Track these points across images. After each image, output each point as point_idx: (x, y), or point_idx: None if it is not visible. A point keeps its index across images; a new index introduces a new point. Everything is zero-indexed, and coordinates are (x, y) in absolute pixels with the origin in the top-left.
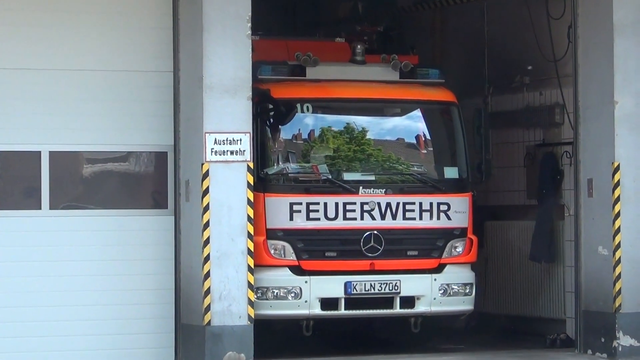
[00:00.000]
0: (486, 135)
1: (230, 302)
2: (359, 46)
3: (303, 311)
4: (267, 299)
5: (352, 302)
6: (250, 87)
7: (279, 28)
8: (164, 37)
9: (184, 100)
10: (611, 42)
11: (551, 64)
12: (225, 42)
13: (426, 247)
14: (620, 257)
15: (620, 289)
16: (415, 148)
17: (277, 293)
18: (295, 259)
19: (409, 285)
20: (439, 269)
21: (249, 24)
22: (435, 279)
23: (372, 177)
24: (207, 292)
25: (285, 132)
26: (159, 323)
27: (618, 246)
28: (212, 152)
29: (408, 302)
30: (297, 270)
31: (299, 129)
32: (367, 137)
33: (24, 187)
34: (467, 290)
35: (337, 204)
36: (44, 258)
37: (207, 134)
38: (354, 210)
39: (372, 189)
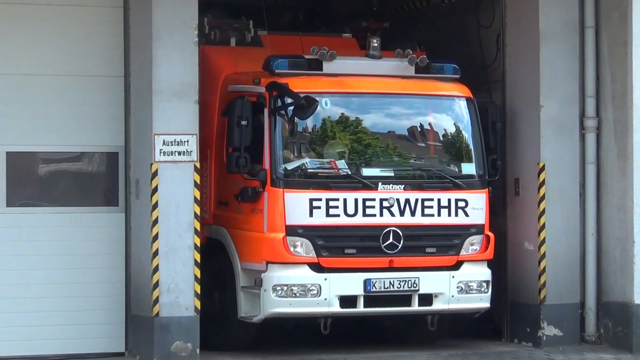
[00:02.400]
0: (500, 131)
1: (177, 295)
2: (374, 40)
3: (322, 309)
4: (286, 297)
5: (371, 299)
6: (197, 91)
7: (289, 24)
8: (115, 44)
9: (135, 103)
10: (537, 49)
11: (482, 70)
12: (174, 49)
13: (444, 244)
14: (544, 252)
15: (544, 282)
16: (433, 144)
17: (296, 291)
18: (314, 256)
19: (428, 282)
20: (456, 266)
21: (196, 32)
22: (453, 277)
23: (391, 173)
24: (156, 285)
25: (304, 127)
26: (110, 314)
27: (543, 242)
28: (160, 152)
29: (426, 299)
30: (317, 267)
31: (317, 124)
32: (385, 132)
33: None
34: (484, 288)
35: (356, 200)
36: (2, 253)
37: (156, 136)
38: (373, 207)
39: (391, 185)
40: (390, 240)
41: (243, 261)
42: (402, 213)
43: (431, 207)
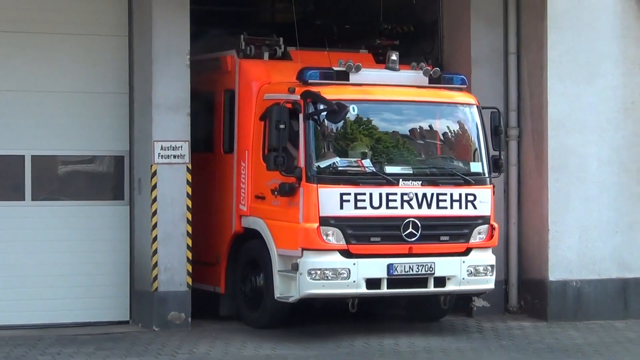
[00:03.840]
0: (502, 134)
1: (172, 273)
2: (394, 55)
3: (351, 290)
4: (320, 279)
5: (393, 282)
6: (189, 105)
7: (315, 41)
8: (121, 66)
9: (137, 115)
10: (470, 72)
11: None
12: (169, 71)
13: (456, 233)
14: None
15: None
16: (445, 145)
17: (328, 274)
18: (344, 243)
19: (442, 266)
20: (466, 252)
21: (188, 57)
22: (463, 261)
23: (410, 171)
24: (155, 265)
25: (334, 130)
26: (117, 289)
27: None
28: (159, 156)
29: (440, 281)
30: (346, 253)
31: (346, 127)
32: (404, 134)
33: (11, 183)
34: (489, 271)
35: (380, 195)
36: (28, 239)
37: (155, 142)
38: (395, 200)
39: (410, 181)
40: (410, 229)
41: (279, 248)
42: (419, 206)
43: (445, 200)
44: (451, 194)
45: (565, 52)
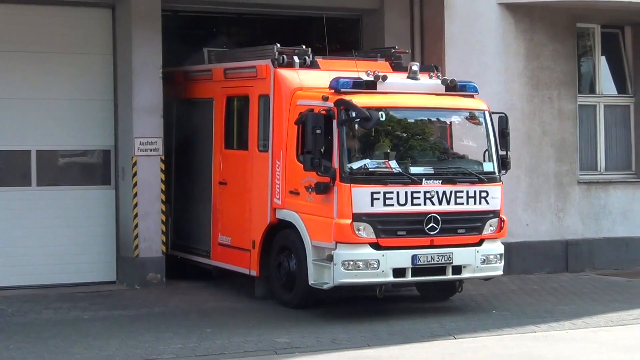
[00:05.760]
0: (509, 136)
1: (150, 243)
2: (414, 66)
3: (380, 279)
4: (353, 270)
5: (417, 270)
6: (162, 109)
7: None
8: (107, 78)
9: (121, 117)
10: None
11: None
12: (146, 81)
13: (471, 226)
14: None
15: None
16: (462, 146)
17: (360, 265)
18: (374, 237)
19: (459, 256)
20: (479, 243)
21: (160, 70)
22: (477, 251)
23: (432, 171)
24: (136, 236)
25: (365, 134)
26: (106, 256)
27: None
28: (138, 149)
29: (457, 269)
30: (376, 246)
31: (374, 132)
32: (426, 137)
33: (20, 172)
34: (499, 259)
35: (406, 193)
36: (34, 217)
37: (135, 138)
38: (419, 197)
39: (432, 180)
40: (432, 223)
41: (313, 239)
42: (440, 202)
43: (462, 197)
44: (467, 191)
45: (460, 65)
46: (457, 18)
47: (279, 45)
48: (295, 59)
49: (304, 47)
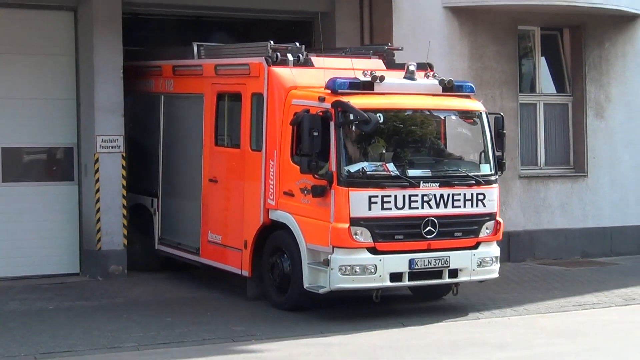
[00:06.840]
0: (504, 137)
1: (112, 236)
2: (411, 66)
3: (377, 283)
4: (350, 274)
5: (414, 275)
6: (123, 108)
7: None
8: (70, 78)
9: (83, 116)
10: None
11: None
12: (107, 81)
13: (468, 229)
14: None
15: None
16: (459, 148)
17: (357, 269)
18: (372, 241)
19: (455, 259)
20: (476, 246)
21: (121, 71)
22: (474, 254)
23: (429, 173)
24: (99, 230)
25: (362, 136)
26: (70, 250)
27: None
28: (100, 147)
29: (453, 273)
30: (373, 250)
31: (372, 134)
32: (424, 139)
33: None
34: (494, 262)
35: (404, 196)
36: (0, 212)
37: (97, 136)
38: (416, 201)
39: (429, 183)
40: (429, 227)
41: (309, 242)
42: (437, 205)
43: (459, 200)
44: (464, 194)
45: None
46: (405, 21)
47: (272, 42)
48: (289, 56)
49: (297, 44)
